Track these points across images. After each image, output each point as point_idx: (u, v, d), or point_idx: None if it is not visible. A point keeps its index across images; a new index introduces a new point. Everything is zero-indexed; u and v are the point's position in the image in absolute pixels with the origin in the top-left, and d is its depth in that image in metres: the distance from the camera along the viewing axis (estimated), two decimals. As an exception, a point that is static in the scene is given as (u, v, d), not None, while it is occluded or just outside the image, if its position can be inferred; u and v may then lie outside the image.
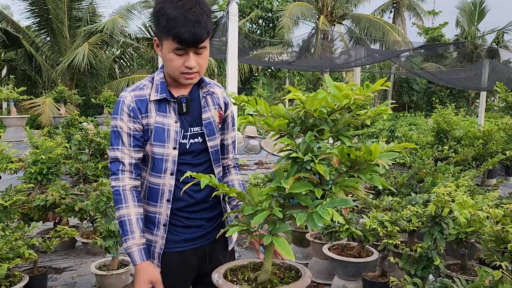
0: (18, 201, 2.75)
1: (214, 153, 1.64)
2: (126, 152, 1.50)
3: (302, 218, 1.23)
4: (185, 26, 1.37)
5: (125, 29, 15.68)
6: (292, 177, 1.29)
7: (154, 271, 1.48)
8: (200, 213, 1.63)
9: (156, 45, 1.52)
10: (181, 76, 1.48)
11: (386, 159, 1.20)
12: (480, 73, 11.70)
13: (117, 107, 1.51)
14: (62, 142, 5.39)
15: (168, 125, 1.53)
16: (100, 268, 3.27)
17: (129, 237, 1.47)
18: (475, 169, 4.72)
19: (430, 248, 2.30)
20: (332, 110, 1.26)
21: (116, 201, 1.50)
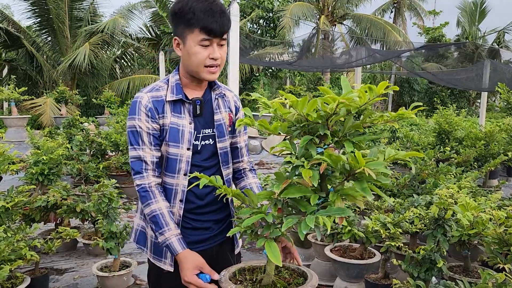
0: (20, 203, 2.74)
1: (223, 155, 1.66)
2: (147, 151, 1.53)
3: (290, 223, 1.22)
4: (212, 16, 1.44)
5: (126, 29, 15.69)
6: (284, 181, 1.27)
7: (197, 256, 1.48)
8: (208, 215, 1.65)
9: (176, 45, 1.55)
10: (205, 70, 1.51)
11: (380, 168, 1.14)
12: (481, 74, 11.69)
13: (134, 107, 1.53)
14: (63, 143, 5.40)
15: (183, 126, 1.55)
16: (102, 269, 3.27)
17: (165, 229, 1.48)
18: (476, 170, 4.71)
19: (433, 250, 2.29)
20: (327, 114, 1.23)
21: (144, 198, 1.51)
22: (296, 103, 1.19)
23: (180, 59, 1.61)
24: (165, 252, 1.59)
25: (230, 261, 1.69)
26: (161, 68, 11.11)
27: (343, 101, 1.13)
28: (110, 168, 6.39)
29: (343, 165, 1.21)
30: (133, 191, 6.23)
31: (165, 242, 1.48)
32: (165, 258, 1.60)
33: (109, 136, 6.37)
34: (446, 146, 5.46)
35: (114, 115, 7.94)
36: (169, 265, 1.59)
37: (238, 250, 1.80)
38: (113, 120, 7.02)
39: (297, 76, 17.07)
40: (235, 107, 1.72)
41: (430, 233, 2.32)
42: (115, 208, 3.27)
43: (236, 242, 1.79)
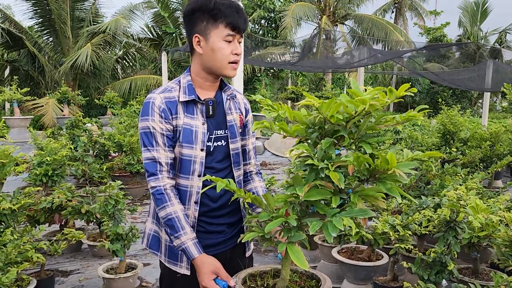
0: (26, 204, 2.73)
1: (234, 156, 1.65)
2: (162, 152, 1.51)
3: (316, 227, 1.21)
4: (237, 12, 1.49)
5: (128, 30, 15.69)
6: (307, 184, 1.26)
7: (214, 261, 1.47)
8: (221, 219, 1.64)
9: (196, 42, 1.54)
10: (229, 67, 1.53)
11: (405, 169, 1.16)
12: (483, 74, 11.66)
13: (147, 108, 1.51)
14: (66, 144, 5.38)
15: (196, 126, 1.54)
16: (108, 271, 3.25)
17: (181, 233, 1.47)
18: (482, 171, 4.69)
19: (443, 253, 2.27)
20: (350, 116, 1.23)
21: (159, 201, 1.49)
22: (322, 105, 1.17)
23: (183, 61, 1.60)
24: (181, 256, 1.58)
25: (242, 265, 1.68)
26: (163, 68, 11.09)
27: (374, 103, 1.12)
28: (113, 169, 6.39)
29: (366, 166, 1.20)
30: (136, 192, 6.21)
31: (181, 246, 1.47)
32: (181, 261, 1.58)
33: (112, 137, 6.35)
34: (451, 147, 5.44)
35: (116, 116, 7.93)
36: (186, 268, 1.58)
37: (250, 253, 1.80)
38: (116, 121, 7.01)
39: (299, 76, 17.04)
40: (245, 109, 1.72)
41: (442, 236, 2.30)
42: (121, 210, 3.26)
43: (248, 245, 1.78)
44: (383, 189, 1.19)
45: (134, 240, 3.24)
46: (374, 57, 11.75)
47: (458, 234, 2.27)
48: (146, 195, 6.50)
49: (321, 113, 1.19)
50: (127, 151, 6.22)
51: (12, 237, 2.42)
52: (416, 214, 2.66)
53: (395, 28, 19.68)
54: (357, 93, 1.20)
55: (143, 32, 17.20)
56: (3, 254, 2.32)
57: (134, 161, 6.13)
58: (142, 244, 1.74)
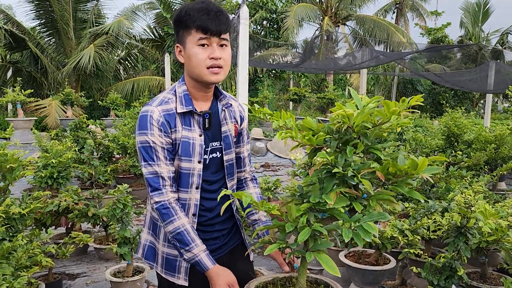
0: (35, 209, 2.74)
1: (228, 167, 1.65)
2: (163, 166, 1.49)
3: (349, 234, 1.22)
4: (207, 14, 1.43)
5: (130, 31, 15.69)
6: (334, 192, 1.28)
7: (230, 273, 1.48)
8: (216, 226, 1.66)
9: (178, 52, 1.52)
10: (207, 72, 1.47)
11: (429, 173, 1.19)
12: (485, 75, 11.65)
13: (145, 121, 1.47)
14: (71, 146, 5.39)
15: (193, 139, 1.53)
16: (115, 274, 3.25)
17: (192, 245, 1.46)
18: (488, 174, 4.69)
19: (453, 258, 2.27)
20: (374, 125, 1.25)
21: (166, 216, 1.47)
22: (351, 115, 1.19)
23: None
24: (179, 267, 1.57)
25: (243, 270, 1.69)
26: (166, 70, 11.11)
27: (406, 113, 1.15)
28: (117, 171, 6.39)
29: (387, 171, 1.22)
30: (141, 194, 6.21)
31: (194, 258, 1.46)
32: (178, 273, 1.57)
33: (117, 139, 6.36)
34: (455, 149, 5.44)
35: (120, 118, 7.94)
36: (184, 279, 1.57)
37: (252, 258, 1.81)
38: (120, 123, 7.02)
39: (301, 77, 17.04)
40: (240, 117, 1.70)
41: (452, 241, 2.30)
42: (129, 214, 3.26)
43: (248, 247, 1.79)
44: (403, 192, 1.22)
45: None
46: (376, 59, 11.76)
47: (469, 240, 2.27)
48: (150, 197, 6.50)
49: (348, 122, 1.21)
50: (131, 153, 6.23)
51: (23, 242, 2.43)
52: (424, 218, 2.66)
53: (397, 29, 19.68)
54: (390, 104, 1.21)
55: (145, 33, 17.22)
56: (14, 259, 2.33)
57: (138, 163, 6.13)
58: (137, 254, 1.73)
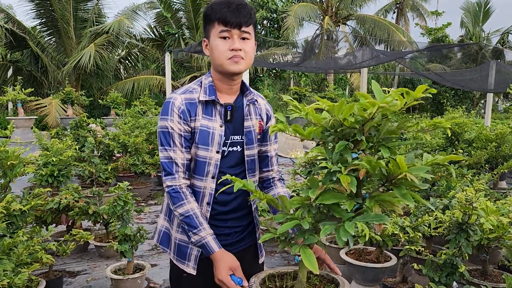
0: (36, 206, 2.73)
1: (249, 162, 1.64)
2: (178, 153, 1.52)
3: (327, 230, 1.20)
4: (228, 7, 1.46)
5: (131, 30, 15.71)
6: (319, 187, 1.26)
7: (233, 258, 1.48)
8: (229, 222, 1.64)
9: (205, 46, 1.57)
10: (228, 62, 1.49)
11: (420, 173, 1.13)
12: (486, 74, 11.63)
13: (167, 108, 1.52)
14: (72, 144, 5.39)
15: (213, 128, 1.54)
16: (116, 272, 3.25)
17: (200, 228, 1.48)
18: (488, 172, 4.69)
19: (455, 255, 2.27)
20: (364, 119, 1.22)
21: (176, 199, 1.50)
22: (333, 108, 1.17)
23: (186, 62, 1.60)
24: (189, 255, 1.59)
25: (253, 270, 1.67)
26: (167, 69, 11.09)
27: (384, 105, 1.11)
28: (117, 169, 6.39)
29: (381, 170, 1.19)
30: (141, 192, 6.22)
31: (201, 241, 1.47)
32: (188, 260, 1.59)
33: (117, 138, 6.36)
34: (456, 148, 5.43)
35: (121, 116, 7.94)
36: (192, 268, 1.59)
37: (262, 260, 1.79)
38: (120, 122, 7.02)
39: (302, 77, 17.04)
40: (266, 115, 1.70)
41: (453, 238, 2.30)
42: (129, 211, 3.26)
43: (260, 251, 1.78)
44: (398, 195, 1.15)
45: (142, 241, 3.24)
46: (376, 58, 11.74)
47: (470, 236, 2.27)
48: (150, 195, 6.51)
49: (334, 116, 1.18)
50: (132, 151, 6.23)
51: (23, 238, 2.43)
52: (425, 215, 2.65)
53: (397, 29, 19.68)
54: (365, 95, 1.19)
55: (145, 33, 17.23)
56: (15, 255, 2.33)
57: (139, 161, 6.14)
58: (153, 239, 1.76)
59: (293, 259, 3.92)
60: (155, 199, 6.27)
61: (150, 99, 9.59)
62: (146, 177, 6.72)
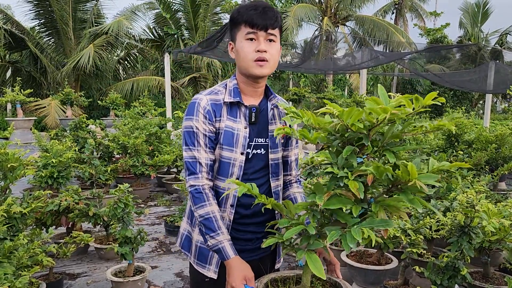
0: (36, 208, 2.72)
1: (273, 166, 1.64)
2: (202, 153, 1.52)
3: (333, 237, 1.19)
4: (255, 10, 1.49)
5: (130, 31, 15.68)
6: (327, 193, 1.25)
7: (248, 267, 1.46)
8: (250, 226, 1.63)
9: (230, 49, 1.59)
10: (253, 65, 1.51)
11: (428, 181, 1.12)
12: (485, 75, 11.64)
13: (192, 108, 1.53)
14: (72, 146, 5.38)
15: (238, 129, 1.55)
16: (116, 274, 3.24)
17: (218, 232, 1.47)
18: (488, 174, 4.69)
19: (457, 258, 2.27)
20: (372, 124, 1.22)
21: (197, 200, 1.49)
22: (342, 113, 1.16)
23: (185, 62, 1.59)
24: (210, 259, 1.58)
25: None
26: (166, 70, 11.08)
27: (396, 112, 1.10)
28: (117, 171, 6.38)
29: (387, 176, 1.18)
30: (141, 194, 6.21)
31: (217, 245, 1.46)
32: (209, 264, 1.58)
33: (117, 139, 6.34)
34: (456, 149, 5.43)
35: (120, 117, 7.92)
36: (213, 272, 1.58)
37: (279, 265, 1.78)
38: (120, 123, 7.00)
39: (301, 78, 17.04)
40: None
41: (455, 241, 2.29)
42: (130, 213, 3.25)
43: (278, 257, 1.77)
44: (405, 200, 1.15)
45: (143, 243, 3.24)
46: (375, 59, 11.75)
47: (472, 239, 2.26)
48: (150, 196, 6.50)
49: (342, 121, 1.18)
50: (131, 152, 6.22)
51: (24, 241, 2.42)
52: (426, 218, 2.65)
53: (396, 29, 19.68)
54: (378, 101, 1.18)
55: (145, 33, 17.21)
56: (15, 258, 2.32)
57: (139, 163, 6.12)
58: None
59: (294, 261, 3.91)
60: (154, 201, 6.25)
61: (149, 100, 9.57)
62: (146, 178, 6.71)
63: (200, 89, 16.21)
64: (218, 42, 7.72)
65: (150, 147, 6.57)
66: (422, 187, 1.08)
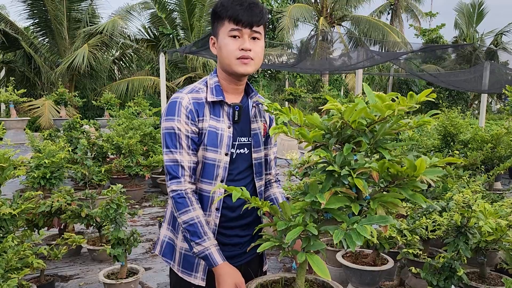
0: (27, 209, 2.67)
1: (257, 166, 1.59)
2: (185, 155, 1.45)
3: (339, 236, 1.17)
4: (240, 4, 1.41)
5: (125, 31, 15.61)
6: (329, 191, 1.23)
7: (238, 273, 1.41)
8: (236, 230, 1.58)
9: (212, 44, 1.52)
10: (236, 62, 1.44)
11: (431, 175, 1.13)
12: (480, 75, 11.67)
13: (173, 107, 1.45)
14: (65, 146, 5.32)
15: (222, 129, 1.49)
16: (109, 276, 3.19)
17: (204, 238, 1.41)
18: (484, 174, 4.67)
19: (453, 258, 2.24)
20: (372, 121, 1.20)
21: (180, 205, 1.42)
22: (345, 110, 1.14)
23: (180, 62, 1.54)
24: (197, 266, 1.51)
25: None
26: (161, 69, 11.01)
27: (402, 108, 1.09)
28: (111, 171, 6.32)
29: (387, 172, 1.17)
30: (135, 194, 6.16)
31: (204, 252, 1.39)
32: (196, 271, 1.52)
33: (111, 139, 6.29)
34: (451, 149, 5.42)
35: (115, 118, 7.87)
36: (201, 279, 1.51)
37: (266, 267, 1.75)
38: (114, 123, 6.95)
39: (297, 78, 17.03)
40: (269, 118, 1.66)
41: (452, 241, 2.27)
42: (122, 214, 3.20)
43: (264, 260, 1.74)
44: (405, 196, 1.16)
45: (136, 244, 3.19)
46: (371, 59, 11.75)
47: (469, 239, 2.24)
48: (144, 197, 6.45)
49: (343, 118, 1.15)
50: (125, 153, 6.16)
51: (13, 243, 2.37)
52: (423, 218, 2.63)
53: (392, 30, 19.73)
54: (384, 97, 1.17)
55: (140, 33, 17.13)
56: (4, 261, 2.27)
57: (133, 163, 6.07)
58: (154, 251, 1.69)
59: (289, 261, 3.87)
60: (149, 201, 6.20)
61: (144, 100, 9.51)
62: (140, 179, 6.65)
63: (195, 89, 16.12)
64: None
65: (144, 147, 6.52)
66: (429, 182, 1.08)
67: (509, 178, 8.30)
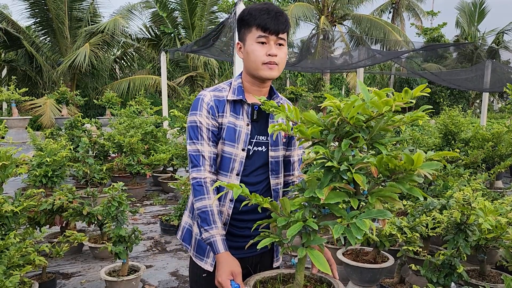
0: (29, 207, 2.69)
1: (273, 164, 1.67)
2: (206, 146, 1.56)
3: (339, 230, 1.18)
4: (268, 13, 1.52)
5: (126, 30, 15.62)
6: (327, 187, 1.24)
7: (237, 263, 1.48)
8: (249, 223, 1.63)
9: (238, 49, 1.63)
10: (263, 67, 1.55)
11: (428, 169, 1.15)
12: (482, 74, 11.66)
13: (197, 103, 1.59)
14: (66, 145, 5.33)
15: (240, 126, 1.60)
16: (110, 274, 3.21)
17: (212, 226, 1.50)
18: (485, 172, 4.67)
19: (453, 255, 2.25)
20: (369, 117, 1.22)
21: (197, 192, 1.53)
22: (343, 107, 1.15)
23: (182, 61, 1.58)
24: (208, 252, 1.61)
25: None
26: (162, 68, 11.04)
27: (400, 103, 1.10)
28: (112, 170, 6.34)
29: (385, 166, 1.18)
30: (136, 193, 6.17)
31: (210, 239, 1.49)
32: (207, 257, 1.62)
33: (112, 138, 6.30)
34: (452, 147, 5.42)
35: (116, 116, 7.88)
36: (210, 264, 1.61)
37: (278, 264, 1.79)
38: (115, 121, 6.96)
39: (298, 76, 17.02)
40: None
41: (451, 238, 2.27)
42: (124, 212, 3.22)
43: (276, 256, 1.77)
44: (403, 190, 1.17)
45: (137, 242, 3.21)
46: (372, 58, 11.74)
47: (469, 236, 2.25)
48: (146, 196, 6.46)
49: (341, 115, 1.16)
50: (127, 151, 6.18)
51: (15, 240, 2.38)
52: (423, 216, 2.63)
53: (394, 28, 19.69)
54: (380, 93, 1.18)
55: (141, 32, 17.16)
56: (6, 258, 2.28)
57: (134, 162, 6.08)
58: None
59: (289, 258, 3.89)
60: (150, 200, 6.22)
61: (145, 99, 9.52)
62: (141, 177, 6.67)
63: (197, 88, 16.17)
64: (215, 40, 7.68)
65: (145, 146, 6.53)
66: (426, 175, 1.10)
67: (510, 177, 8.30)
